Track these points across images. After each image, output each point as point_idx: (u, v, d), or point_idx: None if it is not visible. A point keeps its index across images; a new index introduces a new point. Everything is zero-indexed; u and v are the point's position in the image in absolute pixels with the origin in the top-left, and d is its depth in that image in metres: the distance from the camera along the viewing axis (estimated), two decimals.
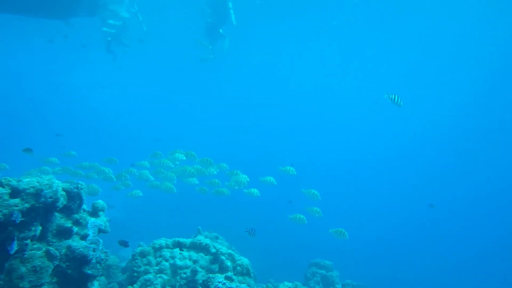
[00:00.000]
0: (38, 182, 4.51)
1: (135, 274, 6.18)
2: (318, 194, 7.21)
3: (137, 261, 6.37)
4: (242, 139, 36.41)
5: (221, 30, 17.69)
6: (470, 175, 32.76)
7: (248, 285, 5.93)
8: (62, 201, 4.85)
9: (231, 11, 17.07)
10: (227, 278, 4.61)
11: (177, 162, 8.02)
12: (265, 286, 5.10)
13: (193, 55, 21.50)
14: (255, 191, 7.44)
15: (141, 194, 7.66)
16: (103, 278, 6.73)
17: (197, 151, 7.97)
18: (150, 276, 6.06)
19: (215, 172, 7.78)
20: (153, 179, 7.82)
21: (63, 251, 4.69)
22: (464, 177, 32.43)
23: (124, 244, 7.22)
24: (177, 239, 6.94)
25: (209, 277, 4.57)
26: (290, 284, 4.90)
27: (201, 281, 4.96)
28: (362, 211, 24.94)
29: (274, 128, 38.41)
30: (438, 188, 29.94)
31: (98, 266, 5.02)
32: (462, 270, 20.67)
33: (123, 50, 18.30)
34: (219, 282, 4.39)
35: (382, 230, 23.16)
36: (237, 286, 4.34)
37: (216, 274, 4.62)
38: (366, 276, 13.31)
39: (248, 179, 7.56)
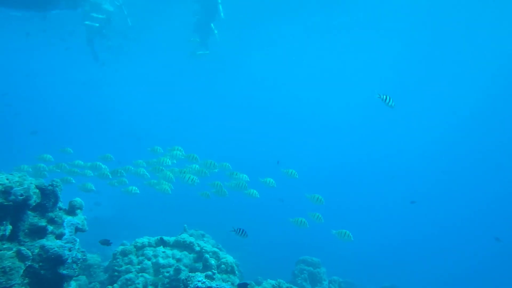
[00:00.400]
0: (7, 179, 4.30)
1: (116, 273, 6.01)
2: (323, 199, 6.99)
3: (118, 260, 6.19)
4: (239, 139, 35.97)
5: (212, 25, 17.54)
6: (467, 177, 32.41)
7: (232, 283, 5.81)
8: (35, 199, 4.65)
9: (220, 6, 16.91)
10: (207, 276, 4.47)
11: (175, 161, 7.86)
12: (248, 283, 4.99)
13: (186, 52, 21.09)
14: (254, 192, 7.31)
15: (138, 191, 7.43)
16: (84, 277, 6.54)
17: (195, 151, 7.82)
18: (131, 275, 5.90)
19: (216, 170, 7.64)
20: (149, 176, 7.61)
21: (36, 251, 4.49)
22: (460, 180, 32.15)
23: (106, 243, 7.01)
24: (160, 237, 6.78)
25: (189, 276, 4.43)
26: (273, 282, 4.81)
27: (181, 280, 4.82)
28: (352, 210, 24.92)
29: (273, 128, 38.01)
30: (426, 187, 29.95)
31: (74, 266, 4.84)
32: (455, 268, 20.83)
33: (107, 45, 17.88)
34: (199, 281, 4.26)
35: (372, 230, 23.16)
36: (217, 285, 4.21)
37: (196, 273, 4.48)
38: (353, 273, 13.33)
39: (248, 179, 7.44)
